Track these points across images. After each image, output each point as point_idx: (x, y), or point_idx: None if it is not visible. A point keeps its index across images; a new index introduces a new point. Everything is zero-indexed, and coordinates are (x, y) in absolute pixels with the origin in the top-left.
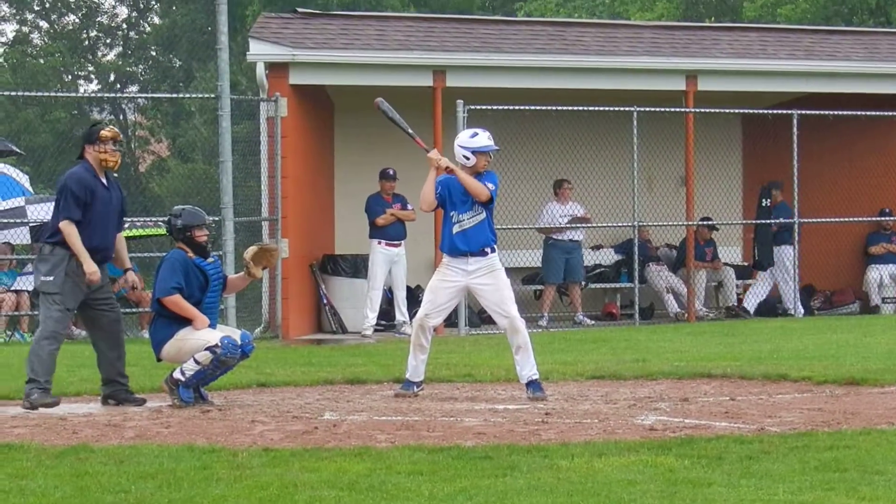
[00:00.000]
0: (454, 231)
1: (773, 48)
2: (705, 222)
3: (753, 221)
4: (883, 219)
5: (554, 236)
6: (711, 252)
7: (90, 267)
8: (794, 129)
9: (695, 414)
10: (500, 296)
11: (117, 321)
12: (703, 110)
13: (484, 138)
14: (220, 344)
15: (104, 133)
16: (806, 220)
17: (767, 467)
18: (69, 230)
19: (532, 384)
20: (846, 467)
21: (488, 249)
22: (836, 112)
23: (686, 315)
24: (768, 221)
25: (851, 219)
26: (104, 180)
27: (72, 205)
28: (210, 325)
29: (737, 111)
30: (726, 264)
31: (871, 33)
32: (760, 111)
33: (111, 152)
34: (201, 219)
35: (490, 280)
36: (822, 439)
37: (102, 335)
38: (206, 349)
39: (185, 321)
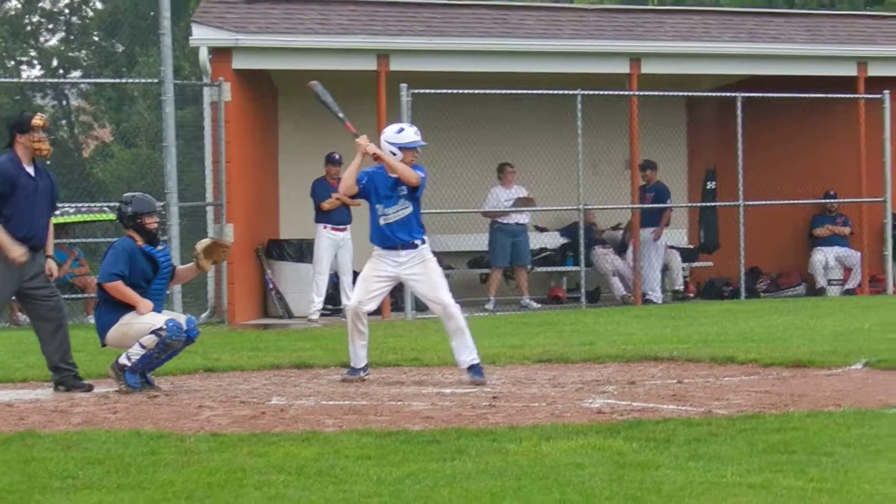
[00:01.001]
0: (380, 223)
1: (717, 31)
2: (655, 205)
3: (698, 204)
4: (828, 201)
5: (499, 220)
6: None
7: (13, 252)
8: (738, 112)
9: (642, 397)
10: (430, 284)
11: (56, 308)
12: (647, 94)
13: (411, 133)
14: (165, 327)
15: (36, 121)
16: (750, 203)
17: (715, 449)
18: None
19: (472, 368)
20: (794, 449)
21: (418, 241)
22: (779, 94)
23: (632, 298)
24: (713, 204)
25: (796, 201)
26: (31, 169)
27: None
28: (155, 311)
29: (681, 94)
30: (672, 247)
31: (814, 16)
32: (704, 94)
33: (43, 140)
34: (151, 206)
35: (420, 269)
36: (770, 421)
37: (42, 323)
38: (152, 332)
39: (130, 307)
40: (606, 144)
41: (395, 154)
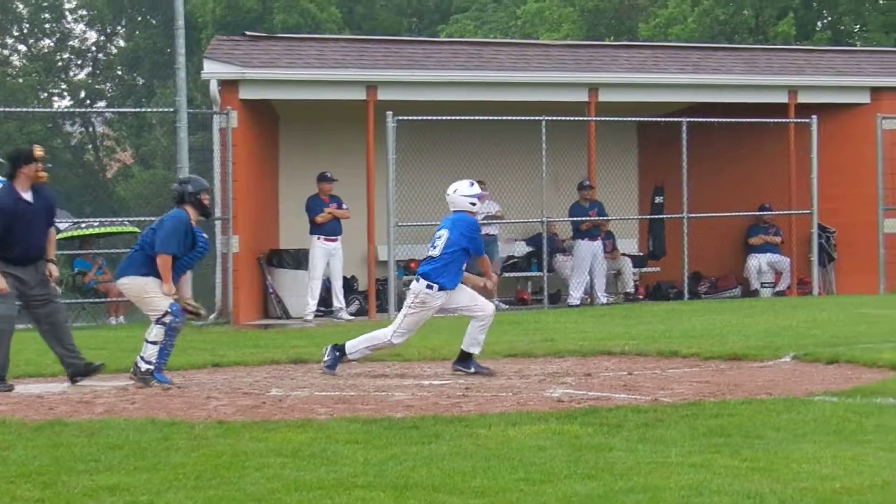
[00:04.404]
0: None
1: (665, 63)
2: (603, 218)
3: (648, 216)
4: (761, 213)
5: None
6: (611, 244)
7: None
8: (684, 135)
9: (597, 387)
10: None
11: (54, 312)
12: (603, 119)
13: (477, 187)
14: (170, 311)
15: (38, 153)
16: (693, 215)
17: (661, 433)
18: None
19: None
20: (730, 433)
21: None
22: (720, 119)
23: (589, 300)
24: (661, 216)
25: (734, 213)
26: (28, 195)
27: None
28: (174, 278)
29: (633, 119)
30: (624, 254)
31: (751, 49)
32: (654, 119)
33: (42, 168)
34: (206, 185)
35: None
36: (709, 408)
37: (42, 328)
38: (157, 323)
39: (157, 274)
40: (567, 164)
41: (474, 204)
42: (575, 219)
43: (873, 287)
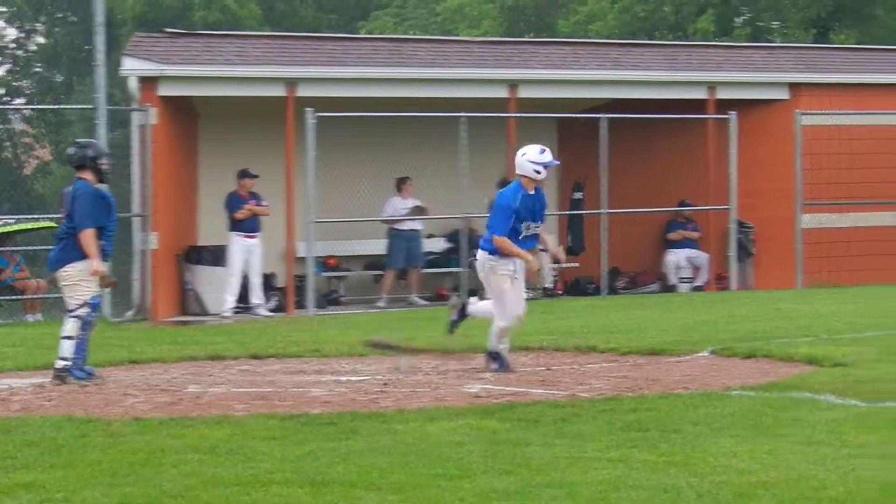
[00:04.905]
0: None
1: (585, 60)
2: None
3: (568, 212)
4: (680, 209)
5: (396, 227)
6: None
7: None
8: (602, 131)
9: (515, 382)
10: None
11: None
12: (522, 115)
13: (549, 154)
14: (88, 302)
15: None
16: (612, 211)
17: (579, 428)
18: None
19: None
20: (648, 427)
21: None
22: (640, 115)
23: None
24: (580, 212)
25: (652, 209)
26: None
27: None
28: (105, 251)
29: (553, 116)
30: (542, 250)
31: (671, 46)
32: (574, 115)
33: None
34: (105, 150)
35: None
36: (627, 403)
37: None
38: (72, 317)
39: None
40: (487, 161)
41: (539, 172)
42: None
43: (791, 282)
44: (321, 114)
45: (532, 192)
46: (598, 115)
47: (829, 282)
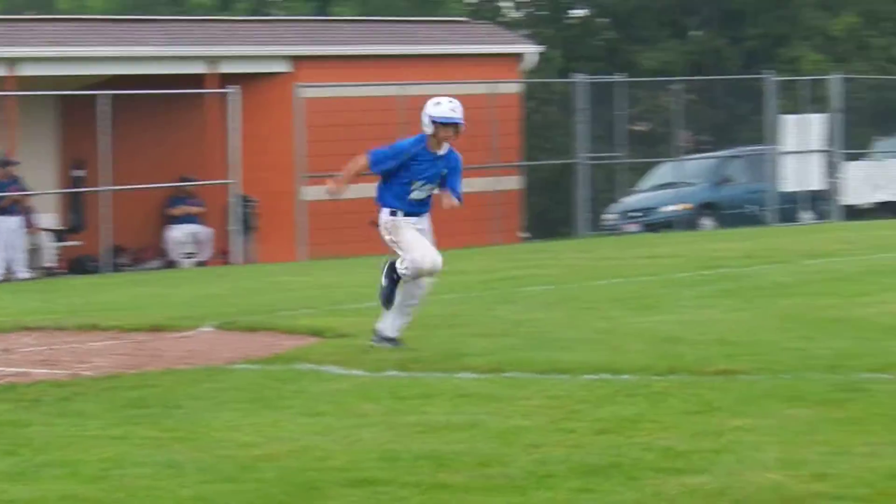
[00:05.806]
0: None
1: (86, 36)
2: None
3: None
4: (181, 184)
5: None
6: (29, 219)
7: None
8: (102, 108)
9: (16, 363)
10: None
11: None
12: (21, 94)
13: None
14: None
15: None
16: (113, 188)
17: (81, 407)
18: None
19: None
20: (150, 404)
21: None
22: (138, 91)
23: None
24: (78, 190)
25: (153, 185)
26: None
27: None
28: None
29: (51, 94)
30: (44, 229)
31: (171, 21)
32: (72, 93)
33: None
34: None
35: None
36: (129, 380)
37: None
38: None
39: None
40: None
41: (429, 126)
42: None
43: (293, 254)
44: None
45: (440, 153)
46: (95, 93)
47: (333, 253)
